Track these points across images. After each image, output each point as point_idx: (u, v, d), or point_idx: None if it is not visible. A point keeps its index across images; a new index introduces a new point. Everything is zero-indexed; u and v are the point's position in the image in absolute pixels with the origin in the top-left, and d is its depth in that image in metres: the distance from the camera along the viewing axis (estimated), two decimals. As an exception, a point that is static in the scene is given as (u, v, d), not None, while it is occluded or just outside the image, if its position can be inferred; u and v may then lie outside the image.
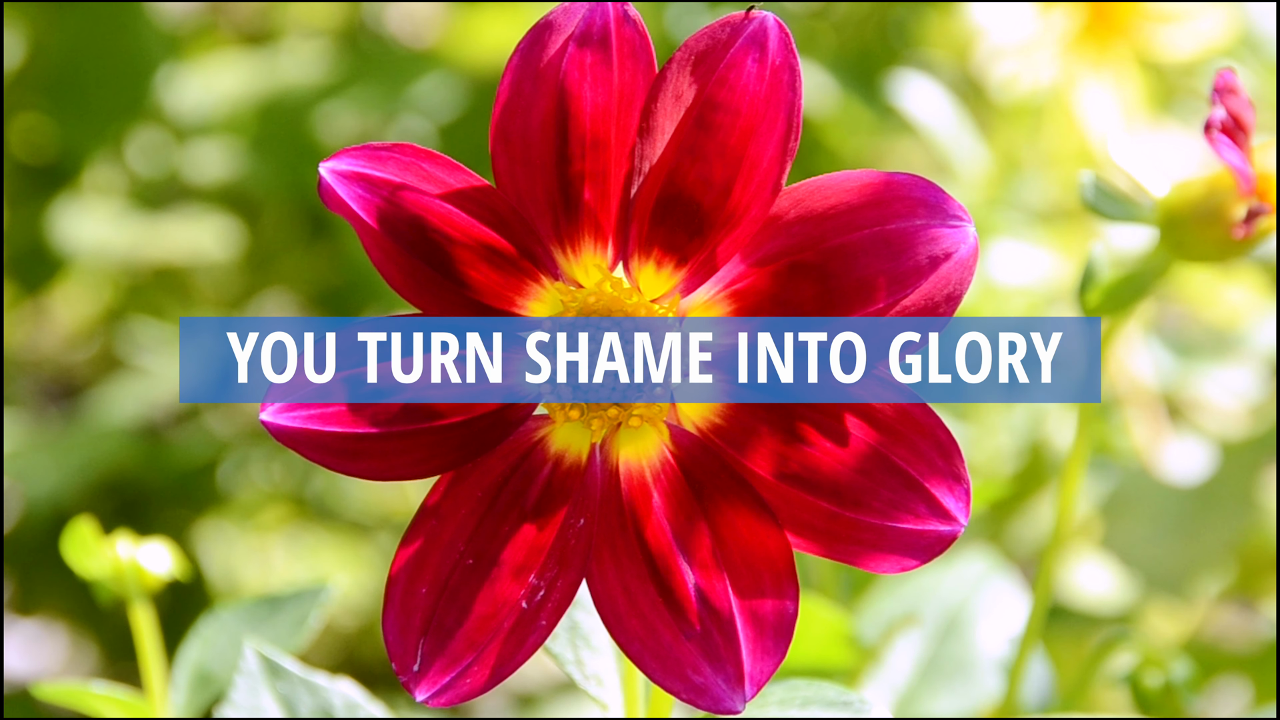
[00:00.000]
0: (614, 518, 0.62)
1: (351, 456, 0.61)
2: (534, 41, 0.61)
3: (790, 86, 0.60)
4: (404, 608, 0.62)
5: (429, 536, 0.62)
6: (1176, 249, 0.81)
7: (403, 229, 0.61)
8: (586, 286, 0.62)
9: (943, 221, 0.60)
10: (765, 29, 0.60)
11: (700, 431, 0.62)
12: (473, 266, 0.61)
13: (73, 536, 0.86)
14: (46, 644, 1.73)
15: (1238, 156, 0.76)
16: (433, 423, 0.62)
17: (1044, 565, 0.89)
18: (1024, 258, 1.35)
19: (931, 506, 0.60)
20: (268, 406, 0.60)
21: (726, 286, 0.62)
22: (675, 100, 0.61)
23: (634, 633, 0.61)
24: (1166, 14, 1.34)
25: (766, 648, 0.60)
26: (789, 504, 0.61)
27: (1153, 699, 0.88)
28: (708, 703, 0.60)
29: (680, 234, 0.61)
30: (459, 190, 0.61)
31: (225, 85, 1.73)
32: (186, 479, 1.68)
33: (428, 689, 0.61)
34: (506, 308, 0.62)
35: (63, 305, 1.83)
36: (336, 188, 0.60)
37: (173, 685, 0.86)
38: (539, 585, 0.61)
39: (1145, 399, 1.37)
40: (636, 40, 0.60)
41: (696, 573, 0.61)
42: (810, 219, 0.61)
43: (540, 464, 0.63)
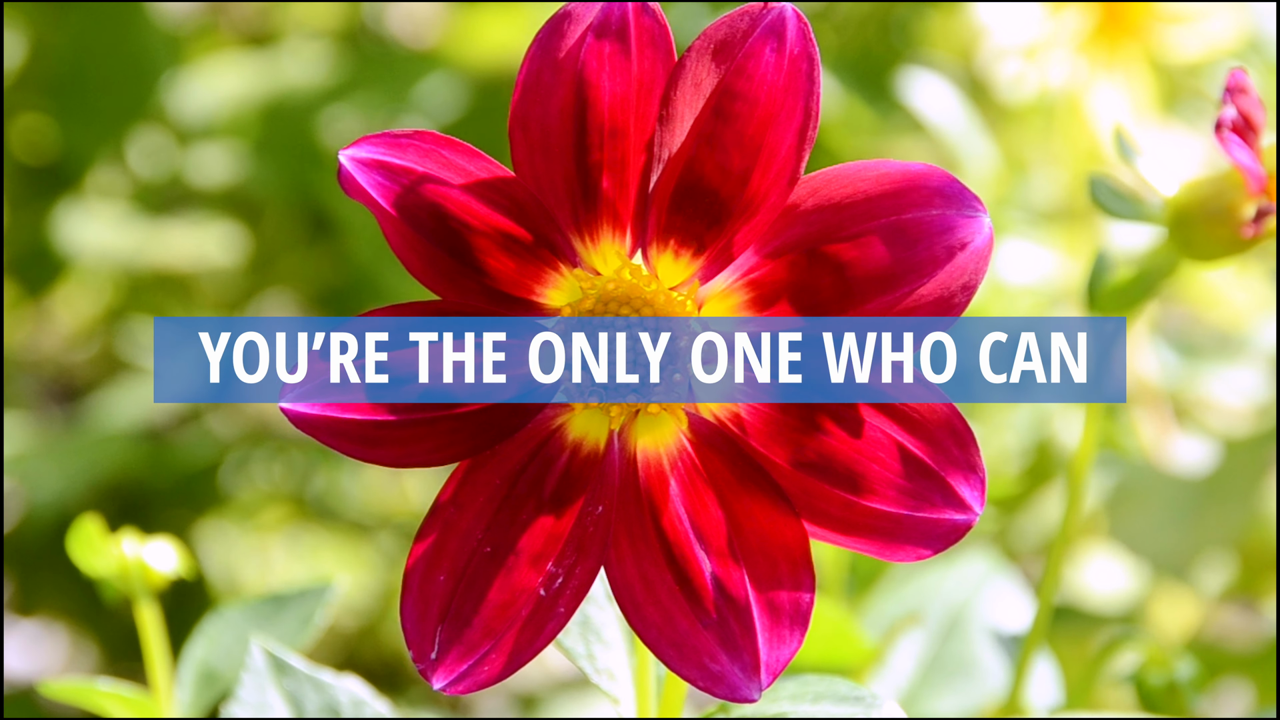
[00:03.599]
0: (632, 505, 0.62)
1: (370, 443, 0.61)
2: (553, 31, 0.61)
3: (808, 76, 0.60)
4: (422, 595, 0.62)
5: (447, 524, 0.62)
6: (1185, 248, 0.81)
7: (422, 216, 0.61)
8: (605, 274, 0.63)
9: (959, 211, 0.60)
10: (784, 19, 0.60)
11: (718, 419, 0.62)
12: (491, 254, 0.62)
13: (78, 535, 0.86)
14: (47, 644, 1.73)
15: (1247, 155, 0.76)
16: (451, 410, 0.62)
17: (1050, 563, 0.89)
18: (1031, 257, 1.35)
19: (947, 496, 0.61)
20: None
21: (744, 275, 0.62)
22: (694, 89, 0.61)
23: (651, 620, 0.61)
24: (1178, 15, 1.34)
25: (783, 636, 0.61)
26: (806, 492, 0.61)
27: (1157, 698, 0.88)
28: (724, 690, 0.60)
29: (698, 222, 0.61)
30: (478, 178, 0.61)
31: (228, 87, 1.73)
32: (188, 480, 1.68)
33: (445, 676, 0.61)
34: (525, 295, 0.63)
35: (64, 306, 1.83)
36: (356, 175, 0.60)
37: (178, 683, 0.86)
38: (557, 573, 0.61)
39: (1152, 397, 1.37)
40: (655, 29, 0.61)
41: (714, 561, 0.61)
42: (827, 208, 0.61)
43: (558, 451, 0.63)
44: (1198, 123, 1.44)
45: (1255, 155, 0.77)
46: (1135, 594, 1.43)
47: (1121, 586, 1.44)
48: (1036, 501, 1.43)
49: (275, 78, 1.72)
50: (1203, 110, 1.47)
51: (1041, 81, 1.34)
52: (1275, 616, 1.40)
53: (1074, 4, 1.34)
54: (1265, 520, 1.35)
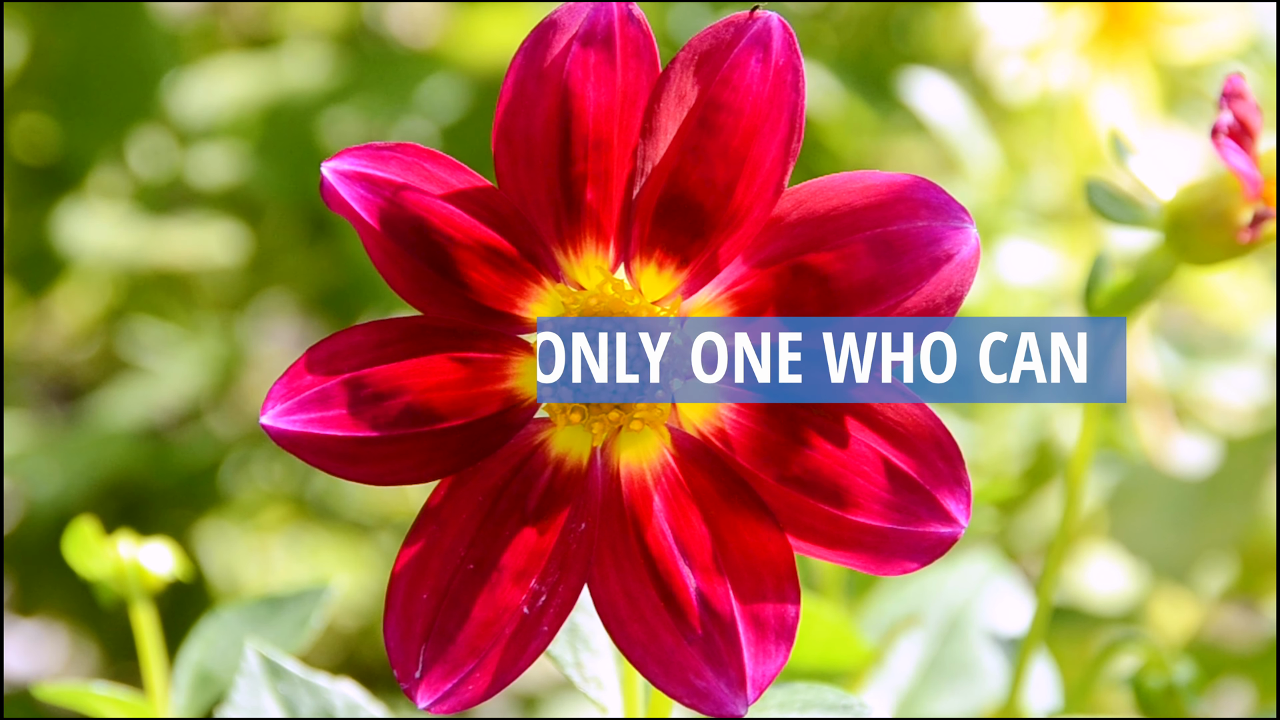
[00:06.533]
0: (615, 521, 0.62)
1: (351, 461, 0.61)
2: (538, 41, 0.60)
3: (793, 87, 0.60)
4: (405, 613, 0.61)
5: (430, 541, 0.62)
6: (1182, 252, 0.81)
7: (404, 230, 0.61)
8: (588, 288, 0.62)
9: (945, 223, 0.60)
10: (769, 29, 0.60)
11: (701, 434, 0.62)
12: (474, 268, 0.61)
13: (75, 537, 0.86)
14: (47, 644, 1.73)
15: (1244, 161, 0.76)
16: (433, 426, 0.61)
17: (1049, 564, 0.88)
18: (1032, 258, 1.35)
19: (932, 509, 0.60)
20: (268, 410, 0.60)
21: (728, 288, 0.61)
22: (679, 100, 0.60)
23: (636, 637, 0.61)
24: (1180, 16, 1.33)
25: (768, 651, 0.60)
26: (790, 507, 0.61)
27: (1156, 700, 0.87)
28: (710, 707, 0.60)
29: (682, 235, 0.61)
30: (461, 191, 0.61)
31: (229, 89, 1.73)
32: (188, 480, 1.68)
33: (429, 696, 0.61)
34: (508, 309, 0.62)
35: (64, 306, 1.83)
36: (338, 187, 0.60)
37: (174, 686, 0.86)
38: (540, 590, 0.61)
39: (1153, 398, 1.37)
40: (640, 40, 0.60)
41: (698, 576, 0.61)
42: (812, 220, 0.60)
43: (541, 468, 0.62)
44: (1199, 124, 1.44)
45: (1252, 160, 0.76)
46: (1135, 595, 1.43)
47: (1122, 587, 1.43)
48: (1037, 502, 1.42)
49: (276, 78, 1.72)
50: (1204, 111, 1.46)
51: (1043, 82, 1.34)
52: (1275, 617, 1.40)
53: (1076, 5, 1.34)
54: (1265, 521, 1.35)
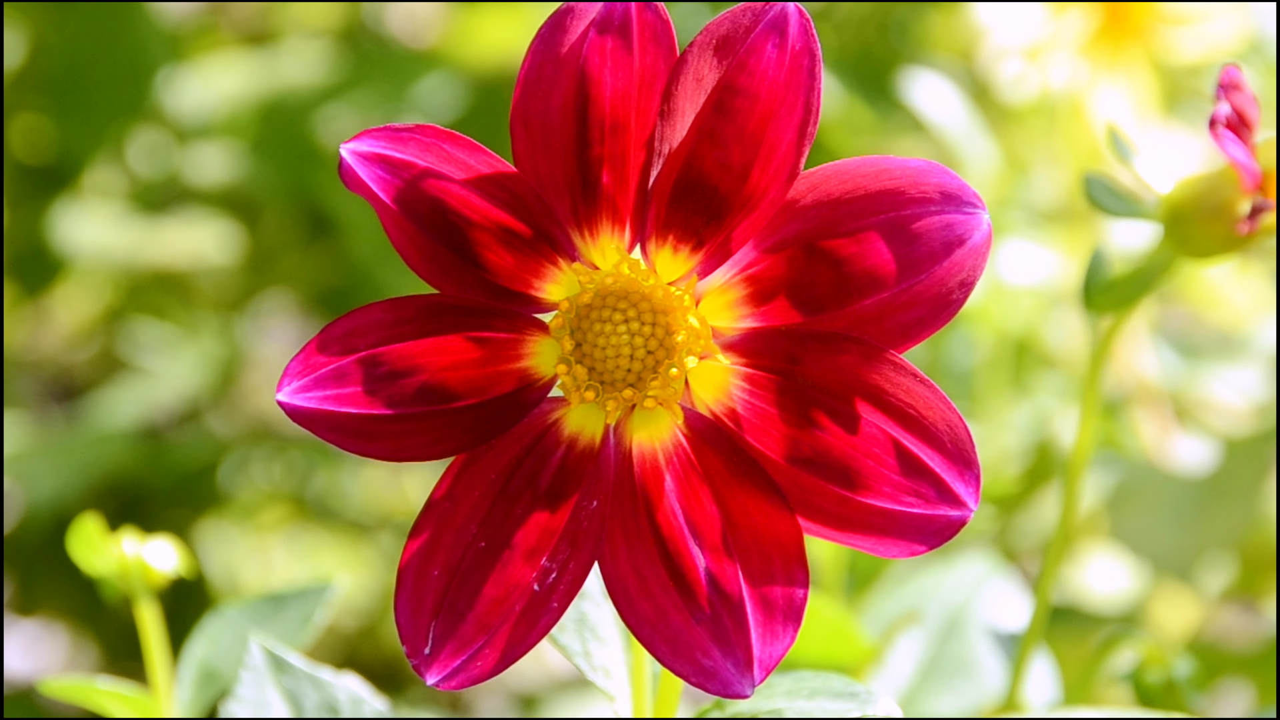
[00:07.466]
0: (626, 500, 0.62)
1: (366, 438, 0.61)
2: (555, 26, 0.61)
3: (810, 72, 0.60)
4: (416, 590, 0.62)
5: (442, 519, 0.62)
6: (1181, 245, 0.81)
7: (422, 210, 0.61)
8: (603, 269, 0.63)
9: (957, 208, 0.60)
10: (786, 15, 0.60)
11: (714, 415, 0.62)
12: (490, 249, 0.62)
13: (78, 534, 0.86)
14: (47, 644, 1.73)
15: (1242, 151, 0.76)
16: (448, 405, 0.62)
17: (1047, 563, 0.89)
18: (1032, 257, 1.36)
19: (942, 492, 0.60)
20: (284, 386, 0.61)
21: (742, 270, 0.62)
22: (695, 84, 0.61)
23: (644, 615, 0.61)
24: (1180, 16, 1.34)
25: (776, 632, 0.60)
26: (800, 488, 0.61)
27: (1155, 696, 0.88)
28: (716, 686, 0.60)
29: (697, 217, 0.61)
30: (479, 173, 0.61)
31: (226, 86, 1.73)
32: (187, 479, 1.68)
33: (439, 671, 0.61)
34: (524, 290, 0.63)
35: (63, 306, 1.83)
36: (357, 168, 0.61)
37: (178, 682, 0.86)
38: (551, 568, 0.61)
39: (1153, 397, 1.37)
40: (657, 25, 0.61)
41: (707, 556, 0.61)
42: (826, 204, 0.61)
43: (554, 446, 0.63)
44: (1199, 123, 1.44)
45: (1250, 151, 0.76)
46: (1136, 594, 1.43)
47: (1122, 586, 1.44)
48: (1036, 501, 1.43)
49: (274, 77, 1.72)
50: (1204, 111, 1.46)
51: (1043, 82, 1.34)
52: (1275, 616, 1.40)
53: (1076, 5, 1.34)
54: (1266, 520, 1.35)
